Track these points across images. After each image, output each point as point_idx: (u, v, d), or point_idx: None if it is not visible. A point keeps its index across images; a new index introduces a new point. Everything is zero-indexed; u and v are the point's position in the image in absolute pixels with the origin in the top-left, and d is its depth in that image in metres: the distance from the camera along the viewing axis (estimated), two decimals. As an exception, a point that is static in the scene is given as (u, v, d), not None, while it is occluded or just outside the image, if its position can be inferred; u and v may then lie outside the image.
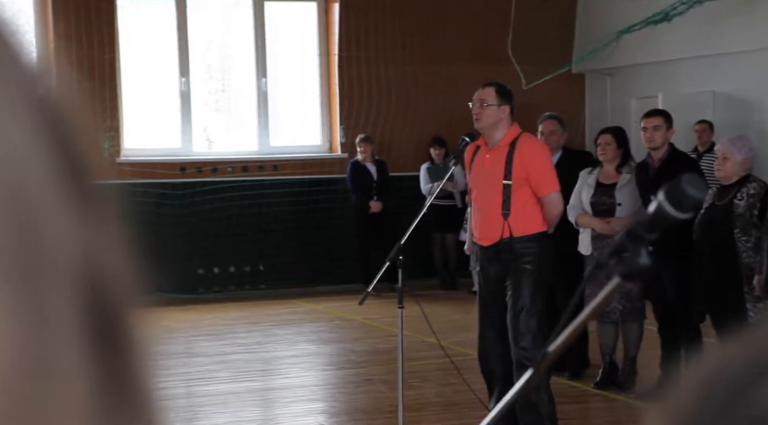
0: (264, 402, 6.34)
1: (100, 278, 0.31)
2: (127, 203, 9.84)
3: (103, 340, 0.31)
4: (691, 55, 10.00)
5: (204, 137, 10.75)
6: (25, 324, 0.29)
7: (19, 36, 0.32)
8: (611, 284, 1.84)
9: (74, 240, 0.30)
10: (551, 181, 4.82)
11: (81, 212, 0.31)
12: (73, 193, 0.31)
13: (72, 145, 0.32)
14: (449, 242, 10.32)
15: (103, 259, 0.31)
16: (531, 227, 4.79)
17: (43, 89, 0.32)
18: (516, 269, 4.79)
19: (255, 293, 10.20)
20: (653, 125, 6.02)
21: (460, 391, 5.64)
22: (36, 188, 0.30)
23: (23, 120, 0.30)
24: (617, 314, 6.06)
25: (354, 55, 10.77)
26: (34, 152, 0.30)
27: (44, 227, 0.30)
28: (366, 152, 10.21)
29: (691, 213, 1.77)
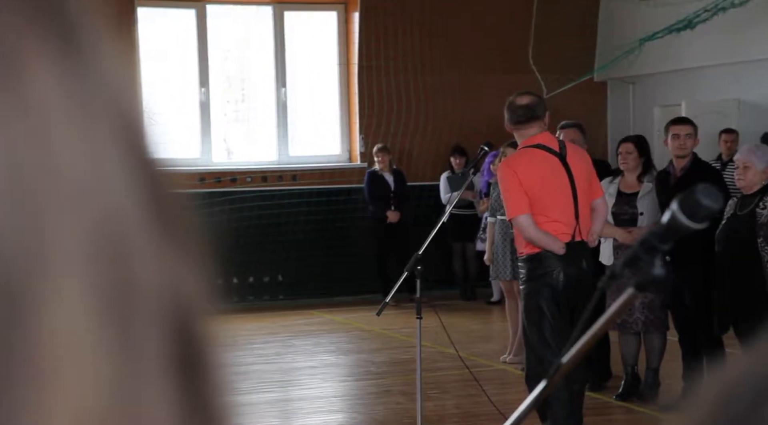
0: (283, 413, 6.31)
1: (185, 311, 0.31)
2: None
3: (188, 371, 0.31)
4: (715, 62, 9.90)
5: (223, 147, 10.79)
6: (120, 362, 0.29)
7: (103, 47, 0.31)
8: (625, 294, 1.80)
9: (163, 276, 0.31)
10: (510, 205, 4.66)
11: (167, 243, 0.31)
12: (160, 224, 0.31)
13: (155, 172, 0.32)
14: (469, 251, 10.27)
15: (187, 291, 0.31)
16: (521, 247, 4.74)
17: (130, 114, 0.32)
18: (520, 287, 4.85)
19: (273, 304, 10.20)
20: (686, 132, 5.95)
21: (480, 402, 5.59)
22: (128, 222, 0.30)
23: (115, 146, 0.30)
24: (639, 324, 6.00)
25: (374, 64, 10.77)
26: (125, 183, 0.30)
27: (137, 264, 0.30)
28: (383, 161, 10.19)
29: (706, 223, 1.73)
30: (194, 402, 0.31)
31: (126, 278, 0.29)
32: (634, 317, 5.97)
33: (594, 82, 11.20)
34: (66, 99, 0.29)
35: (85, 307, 0.28)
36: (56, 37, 0.30)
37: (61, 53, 0.30)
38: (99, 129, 0.30)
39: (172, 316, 0.31)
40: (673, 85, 10.44)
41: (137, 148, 0.31)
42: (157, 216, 0.31)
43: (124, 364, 0.29)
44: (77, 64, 0.30)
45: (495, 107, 10.49)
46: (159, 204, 0.31)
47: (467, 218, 10.06)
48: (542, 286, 4.62)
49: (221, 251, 10.17)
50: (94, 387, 0.28)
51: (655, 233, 1.80)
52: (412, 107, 10.87)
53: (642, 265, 1.78)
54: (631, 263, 1.79)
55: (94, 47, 0.31)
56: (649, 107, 10.79)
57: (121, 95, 0.31)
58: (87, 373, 0.28)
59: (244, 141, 10.89)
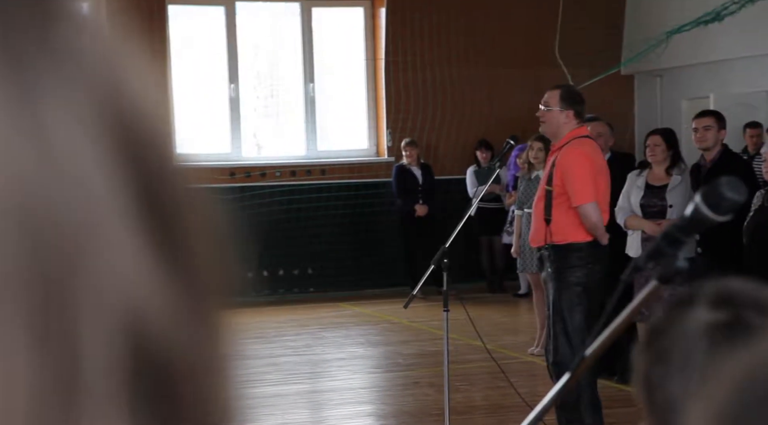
0: (312, 404, 6.39)
1: (157, 335, 0.28)
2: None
3: (155, 403, 0.28)
4: (744, 55, 9.83)
5: (253, 142, 10.89)
6: (46, 368, 0.26)
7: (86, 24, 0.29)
8: (648, 287, 1.84)
9: (130, 288, 0.28)
10: (582, 192, 4.65)
11: (152, 254, 0.28)
12: (147, 229, 0.28)
13: (154, 170, 0.29)
14: (496, 244, 10.29)
15: (168, 314, 0.28)
16: (571, 235, 4.67)
17: (116, 95, 0.29)
18: (556, 277, 4.69)
19: (303, 297, 10.29)
20: (704, 125, 5.97)
21: (507, 394, 5.63)
22: (92, 219, 0.27)
23: (89, 131, 0.28)
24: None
25: (400, 59, 10.80)
26: (99, 173, 0.28)
27: (91, 267, 0.27)
28: (411, 156, 10.24)
29: (730, 216, 1.76)
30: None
31: (69, 294, 0.26)
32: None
33: (621, 75, 11.15)
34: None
35: (15, 327, 0.26)
36: None
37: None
38: (73, 106, 0.28)
39: (134, 338, 0.27)
40: (701, 77, 10.38)
41: (128, 145, 0.29)
42: (146, 211, 0.28)
43: (57, 386, 0.26)
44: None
45: (522, 100, 10.51)
46: (151, 204, 0.29)
47: (494, 211, 10.08)
48: (593, 273, 4.62)
49: (252, 244, 10.27)
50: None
51: (679, 225, 1.82)
52: (438, 101, 10.90)
53: (665, 257, 1.81)
54: (655, 255, 1.83)
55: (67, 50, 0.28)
56: (677, 100, 10.73)
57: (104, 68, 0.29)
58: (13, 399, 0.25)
59: (273, 136, 10.98)
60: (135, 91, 0.30)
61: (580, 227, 4.68)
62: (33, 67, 0.27)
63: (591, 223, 4.67)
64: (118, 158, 0.28)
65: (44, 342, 0.26)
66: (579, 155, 4.74)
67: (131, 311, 0.27)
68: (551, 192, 4.72)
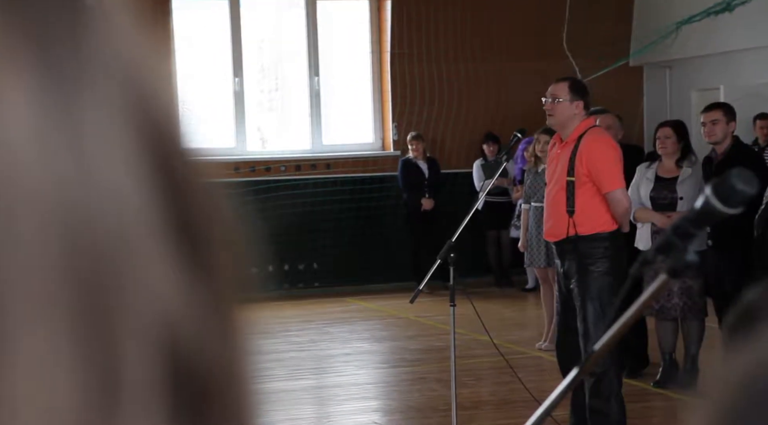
0: (318, 400, 6.36)
1: (189, 348, 0.28)
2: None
3: (191, 417, 0.28)
4: (754, 45, 9.74)
5: (258, 136, 10.85)
6: (90, 382, 0.26)
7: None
8: (658, 281, 1.78)
9: (165, 301, 0.28)
10: (613, 178, 4.65)
11: (182, 264, 0.28)
12: (176, 239, 0.28)
13: (181, 168, 0.29)
14: (504, 239, 10.24)
15: (198, 326, 0.28)
16: (597, 225, 4.63)
17: (146, 99, 0.29)
18: (581, 270, 4.62)
19: (309, 292, 10.26)
20: (711, 119, 5.94)
21: (515, 389, 5.58)
22: (129, 230, 0.27)
23: (124, 139, 0.28)
24: (678, 310, 5.94)
25: (406, 52, 10.74)
26: (133, 183, 0.27)
27: (129, 279, 0.27)
28: (417, 149, 10.18)
29: (740, 208, 1.71)
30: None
31: (113, 296, 0.27)
32: (673, 303, 5.92)
33: (630, 67, 11.07)
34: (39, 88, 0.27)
35: (55, 340, 0.26)
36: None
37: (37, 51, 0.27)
38: (107, 115, 0.28)
39: (170, 351, 0.28)
40: (711, 69, 10.29)
41: (155, 142, 0.29)
42: (175, 220, 0.28)
43: (99, 401, 0.26)
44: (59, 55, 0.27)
45: (528, 93, 10.43)
46: (180, 204, 0.29)
47: (501, 205, 10.03)
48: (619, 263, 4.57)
49: (256, 239, 10.22)
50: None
51: (689, 218, 1.77)
52: (444, 94, 10.84)
53: (675, 251, 1.76)
54: (664, 248, 1.77)
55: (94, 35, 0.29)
56: (687, 92, 10.65)
57: (132, 84, 0.29)
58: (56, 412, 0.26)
59: (278, 130, 10.94)
60: (163, 97, 0.30)
61: (605, 216, 4.66)
62: (69, 77, 0.28)
63: (623, 208, 4.68)
64: (149, 166, 0.28)
65: (86, 357, 0.26)
66: (605, 142, 4.75)
67: (168, 326, 0.28)
68: (573, 183, 4.66)
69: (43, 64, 0.27)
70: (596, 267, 4.60)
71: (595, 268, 4.60)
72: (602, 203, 4.65)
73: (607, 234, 4.63)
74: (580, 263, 4.62)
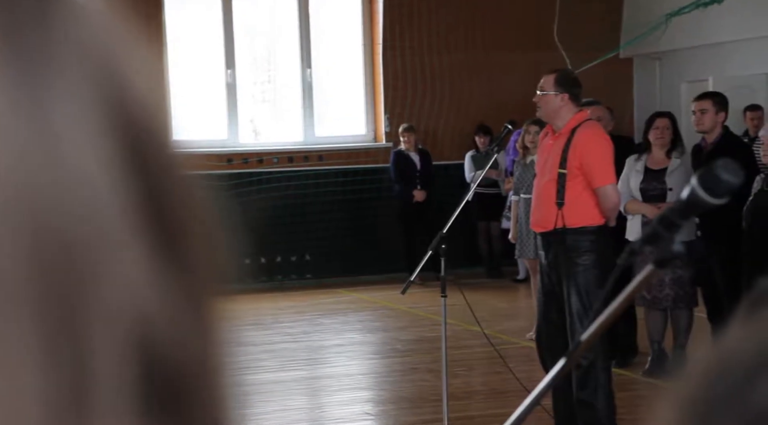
0: (310, 390, 6.38)
1: (165, 343, 0.28)
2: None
3: (167, 414, 0.27)
4: (743, 37, 9.77)
5: (250, 128, 10.84)
6: (59, 379, 0.26)
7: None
8: (645, 271, 1.81)
9: (138, 294, 0.27)
10: (604, 173, 4.65)
11: (157, 256, 0.28)
12: (151, 230, 0.27)
13: (153, 166, 0.28)
14: (495, 230, 10.27)
15: (174, 320, 0.28)
16: (585, 219, 4.63)
17: (120, 91, 0.28)
18: (568, 263, 4.63)
19: (301, 283, 10.28)
20: (701, 108, 5.97)
21: (506, 380, 5.62)
22: (99, 219, 0.26)
23: (96, 131, 0.27)
24: (670, 300, 5.98)
25: (398, 44, 10.75)
26: (104, 173, 0.27)
27: (100, 269, 0.26)
28: (409, 141, 10.20)
29: (726, 199, 1.73)
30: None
31: (83, 289, 0.26)
32: (664, 293, 5.95)
33: (620, 58, 11.09)
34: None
35: (23, 338, 0.25)
36: None
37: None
38: (79, 105, 0.27)
39: (143, 346, 0.27)
40: (700, 60, 10.32)
41: (129, 132, 0.28)
42: (150, 211, 0.28)
43: (69, 399, 0.25)
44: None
45: (520, 84, 10.44)
46: (156, 196, 0.28)
47: (492, 196, 10.05)
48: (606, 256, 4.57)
49: (249, 231, 10.25)
50: None
51: (675, 209, 1.80)
52: (436, 85, 10.85)
53: (661, 241, 1.78)
54: (651, 239, 1.80)
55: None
56: (676, 83, 10.68)
57: (104, 74, 0.28)
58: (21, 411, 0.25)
59: (271, 122, 10.94)
60: (138, 86, 0.29)
61: (594, 210, 4.66)
62: (38, 65, 0.27)
63: (612, 203, 4.69)
64: (123, 159, 0.27)
65: (55, 354, 0.25)
66: (598, 136, 4.76)
67: (140, 319, 0.27)
68: (565, 175, 4.67)
69: (11, 51, 0.27)
70: (582, 260, 4.61)
71: (582, 261, 4.61)
72: (592, 196, 4.65)
73: (594, 228, 4.64)
74: (566, 256, 4.63)
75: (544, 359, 4.82)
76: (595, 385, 4.61)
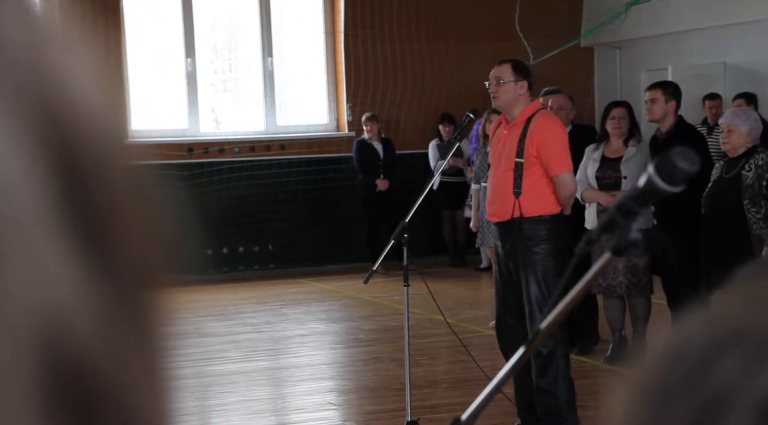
0: (273, 381, 6.36)
1: (83, 342, 0.26)
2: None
3: (78, 418, 0.26)
4: (701, 26, 9.88)
5: (212, 118, 10.75)
6: None
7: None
8: (602, 259, 1.82)
9: (51, 289, 0.26)
10: (562, 160, 4.66)
11: (80, 252, 0.27)
12: (74, 226, 0.26)
13: (80, 160, 0.27)
14: (459, 219, 10.30)
15: (97, 319, 0.26)
16: (542, 207, 4.65)
17: (46, 86, 0.27)
18: (525, 251, 4.64)
19: (264, 273, 10.23)
20: (651, 97, 6.05)
21: (468, 368, 5.64)
22: (11, 212, 0.25)
23: (11, 124, 0.26)
24: (623, 288, 6.03)
25: (360, 32, 10.71)
26: (18, 168, 0.26)
27: (8, 265, 0.25)
28: (372, 130, 10.18)
29: (682, 186, 1.74)
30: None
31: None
32: (618, 281, 6.00)
33: (581, 47, 11.16)
34: None
35: None
36: None
37: None
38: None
39: (56, 344, 0.26)
40: (660, 49, 10.42)
41: (53, 127, 0.27)
42: (74, 207, 0.27)
43: None
44: None
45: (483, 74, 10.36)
46: (82, 191, 0.27)
47: (457, 185, 10.08)
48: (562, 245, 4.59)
49: (211, 221, 10.17)
50: None
51: (633, 197, 1.80)
52: (399, 75, 10.83)
53: (618, 229, 1.79)
54: (608, 227, 1.80)
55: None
56: (636, 72, 10.78)
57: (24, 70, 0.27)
58: None
59: (232, 111, 10.85)
60: (67, 79, 0.28)
61: (550, 198, 4.68)
62: None
63: (569, 191, 4.70)
64: (43, 151, 0.27)
65: None
66: (554, 125, 4.76)
67: (49, 314, 0.26)
68: (522, 164, 4.67)
69: None
70: (540, 249, 4.63)
71: (539, 249, 4.63)
72: (548, 185, 4.67)
73: (550, 216, 4.65)
74: (524, 245, 4.64)
75: (505, 348, 4.84)
76: (555, 373, 4.64)
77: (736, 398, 0.34)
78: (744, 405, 0.34)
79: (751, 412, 0.34)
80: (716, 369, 0.36)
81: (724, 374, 0.35)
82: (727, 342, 0.36)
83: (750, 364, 0.35)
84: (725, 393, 0.35)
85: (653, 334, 6.15)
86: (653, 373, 0.38)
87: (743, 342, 0.35)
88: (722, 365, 0.35)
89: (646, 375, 0.38)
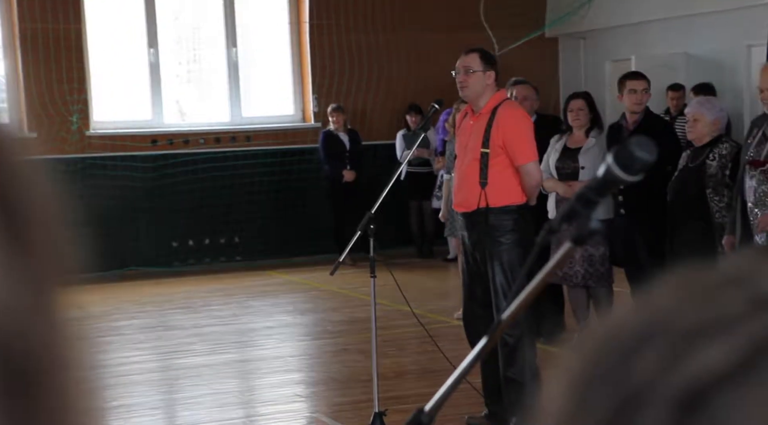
0: (240, 373, 6.33)
1: (6, 331, 0.27)
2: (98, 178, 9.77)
3: (11, 397, 0.27)
4: (664, 16, 9.96)
5: (176, 109, 10.65)
6: None
7: None
8: (563, 249, 1.82)
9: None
10: (527, 150, 4.67)
11: (1, 250, 0.27)
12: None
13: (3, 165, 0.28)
14: (426, 209, 10.31)
15: (17, 306, 0.27)
16: (508, 197, 4.65)
17: None
18: (491, 242, 4.65)
19: (230, 265, 10.18)
20: (642, 87, 6.08)
21: (436, 359, 5.65)
22: None
23: None
24: (579, 277, 6.06)
25: (325, 23, 10.66)
26: None
27: None
28: (338, 121, 10.16)
29: (641, 176, 1.75)
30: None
31: None
32: (574, 270, 6.04)
33: (545, 38, 11.21)
34: None
35: None
36: None
37: None
38: None
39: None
40: (624, 39, 10.49)
41: None
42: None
43: None
44: None
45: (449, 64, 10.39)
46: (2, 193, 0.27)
47: (424, 176, 10.10)
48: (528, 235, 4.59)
49: (177, 213, 10.09)
50: None
51: (592, 186, 1.81)
52: (365, 65, 10.81)
53: (579, 219, 1.79)
54: (569, 217, 1.81)
55: None
56: (601, 62, 10.85)
57: None
58: None
59: (197, 102, 10.76)
60: None
61: (516, 189, 4.68)
62: None
63: (535, 181, 4.70)
64: None
65: None
66: (520, 115, 4.77)
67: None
68: (488, 154, 4.67)
69: None
70: (506, 239, 4.63)
71: (505, 240, 4.63)
72: (514, 175, 4.68)
73: (516, 207, 4.66)
74: (490, 235, 4.65)
75: (472, 338, 4.86)
76: (521, 362, 4.67)
77: (653, 392, 0.34)
78: (660, 399, 0.33)
79: (666, 406, 0.33)
80: (637, 362, 0.35)
81: (643, 367, 0.35)
82: (652, 334, 0.36)
83: (671, 357, 0.34)
84: (643, 387, 0.34)
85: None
86: (581, 366, 0.38)
87: (668, 334, 0.35)
88: (643, 358, 0.35)
89: (575, 367, 0.38)
